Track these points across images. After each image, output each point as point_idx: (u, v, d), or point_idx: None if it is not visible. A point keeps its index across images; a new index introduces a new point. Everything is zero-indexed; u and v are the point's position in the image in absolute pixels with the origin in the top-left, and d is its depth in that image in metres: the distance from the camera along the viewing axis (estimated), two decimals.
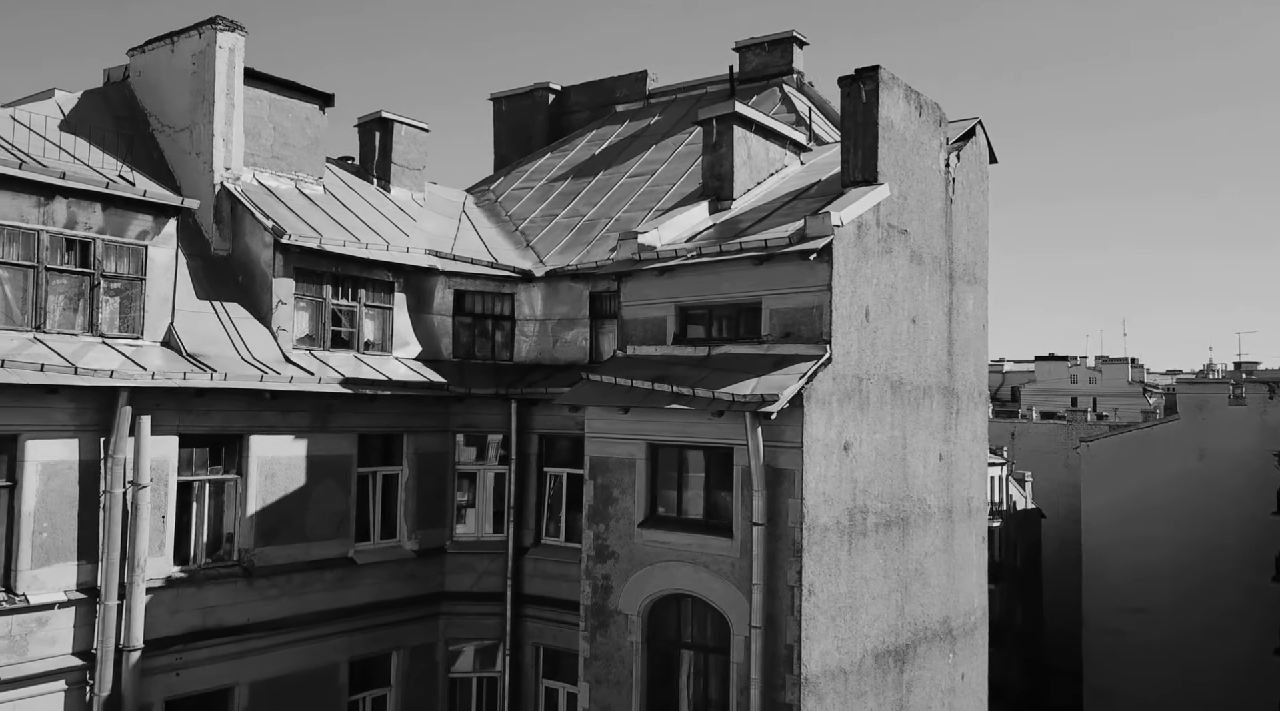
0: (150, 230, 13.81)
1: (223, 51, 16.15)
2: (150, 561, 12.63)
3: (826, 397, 11.71)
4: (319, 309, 15.96)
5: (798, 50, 22.18)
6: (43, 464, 11.81)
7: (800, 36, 22.10)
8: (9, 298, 12.48)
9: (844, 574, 11.97)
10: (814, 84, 22.02)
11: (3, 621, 11.39)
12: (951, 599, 14.92)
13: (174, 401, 13.01)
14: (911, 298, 13.89)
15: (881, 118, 13.27)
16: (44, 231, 12.71)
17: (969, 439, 15.68)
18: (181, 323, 14.02)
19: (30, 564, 11.64)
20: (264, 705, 13.97)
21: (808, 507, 11.32)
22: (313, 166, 18.09)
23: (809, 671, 11.23)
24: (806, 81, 22.05)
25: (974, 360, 15.90)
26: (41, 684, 11.64)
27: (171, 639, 12.91)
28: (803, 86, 21.85)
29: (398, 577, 15.90)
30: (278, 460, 14.33)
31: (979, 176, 16.32)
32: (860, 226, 12.45)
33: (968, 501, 15.56)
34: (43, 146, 13.87)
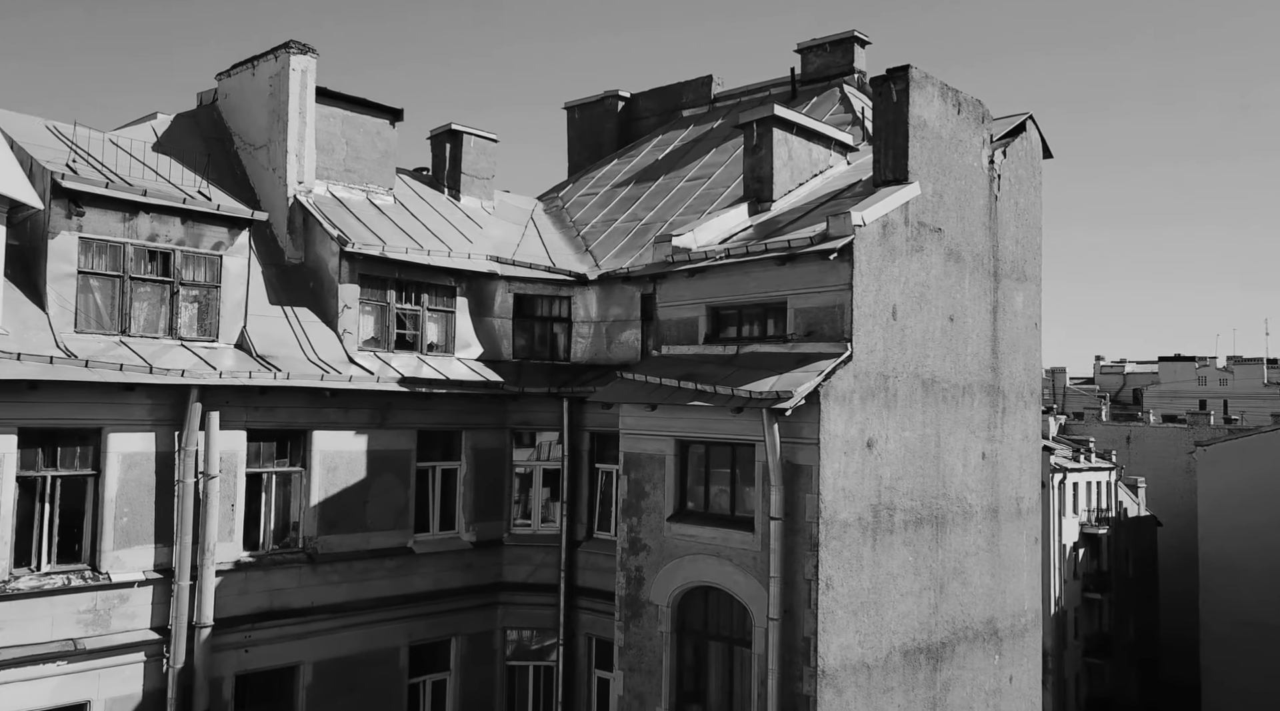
0: (224, 241, 14.95)
1: (295, 73, 17.27)
2: (220, 546, 13.72)
3: (847, 395, 11.86)
4: (383, 312, 16.89)
5: (859, 50, 22.15)
6: (123, 455, 13.00)
7: (861, 36, 22.07)
8: (99, 304, 13.75)
9: (867, 569, 12.09)
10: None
11: (89, 596, 12.59)
12: (997, 600, 14.77)
13: (241, 399, 14.08)
14: (948, 296, 13.86)
15: (913, 117, 13.32)
16: (129, 244, 13.95)
17: (1018, 438, 15.47)
18: (254, 326, 15.12)
19: (113, 545, 12.84)
20: (328, 684, 14.94)
21: (825, 503, 11.51)
22: (383, 178, 19.10)
23: (826, 664, 11.41)
24: (868, 81, 21.96)
25: (1024, 359, 15.69)
26: (123, 655, 12.82)
27: (241, 618, 13.97)
28: (864, 86, 21.80)
29: (455, 567, 16.69)
30: (339, 454, 15.29)
31: (1030, 172, 16.08)
32: (885, 226, 12.54)
33: (1017, 502, 15.36)
34: (129, 165, 15.15)
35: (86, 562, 12.74)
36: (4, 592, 11.91)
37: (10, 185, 12.04)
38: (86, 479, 12.83)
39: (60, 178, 13.18)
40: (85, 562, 12.73)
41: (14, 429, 12.12)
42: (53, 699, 12.31)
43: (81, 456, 12.82)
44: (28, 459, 12.35)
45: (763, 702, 11.59)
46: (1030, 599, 15.65)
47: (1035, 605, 15.82)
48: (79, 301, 13.43)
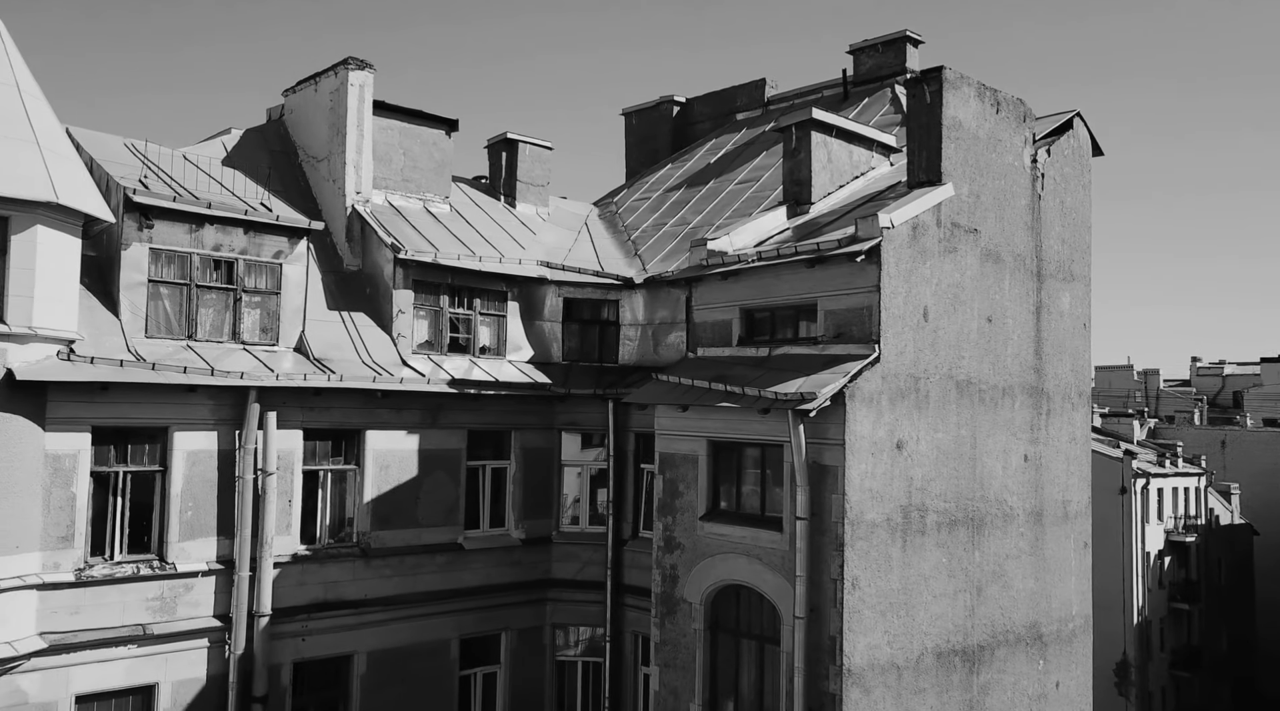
0: (284, 250, 15.73)
1: (353, 88, 18.02)
2: (277, 539, 14.45)
3: (874, 396, 11.94)
4: (437, 316, 17.51)
5: (911, 49, 22.01)
6: (188, 452, 13.83)
7: (914, 35, 21.93)
8: (168, 310, 14.63)
9: (896, 570, 12.13)
10: None
11: (156, 585, 13.44)
12: (1041, 604, 14.60)
13: (297, 400, 14.81)
14: (985, 296, 13.79)
15: (947, 118, 13.31)
16: (195, 254, 14.81)
17: (1065, 441, 15.26)
18: (312, 330, 15.86)
19: (178, 537, 13.67)
20: (381, 673, 15.57)
21: (850, 503, 11.61)
22: (439, 187, 19.75)
23: (852, 663, 11.50)
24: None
25: (1071, 360, 15.46)
26: (188, 640, 13.63)
27: (298, 608, 14.69)
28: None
29: (505, 563, 17.20)
30: (391, 453, 15.93)
31: (1077, 170, 15.85)
32: (915, 227, 12.57)
33: (1063, 505, 15.15)
34: (196, 179, 16.04)
35: (154, 553, 13.59)
36: (80, 580, 12.80)
37: (86, 201, 12.94)
38: (154, 474, 13.69)
39: (132, 193, 14.08)
40: (153, 553, 13.58)
41: (88, 427, 13.02)
42: (124, 680, 13.17)
43: (150, 453, 13.68)
44: (101, 455, 13.24)
45: (790, 700, 11.74)
46: (1079, 603, 15.41)
47: (1085, 610, 15.56)
48: (149, 308, 14.31)
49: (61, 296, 12.79)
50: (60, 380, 12.41)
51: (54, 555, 12.62)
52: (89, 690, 12.92)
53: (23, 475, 12.27)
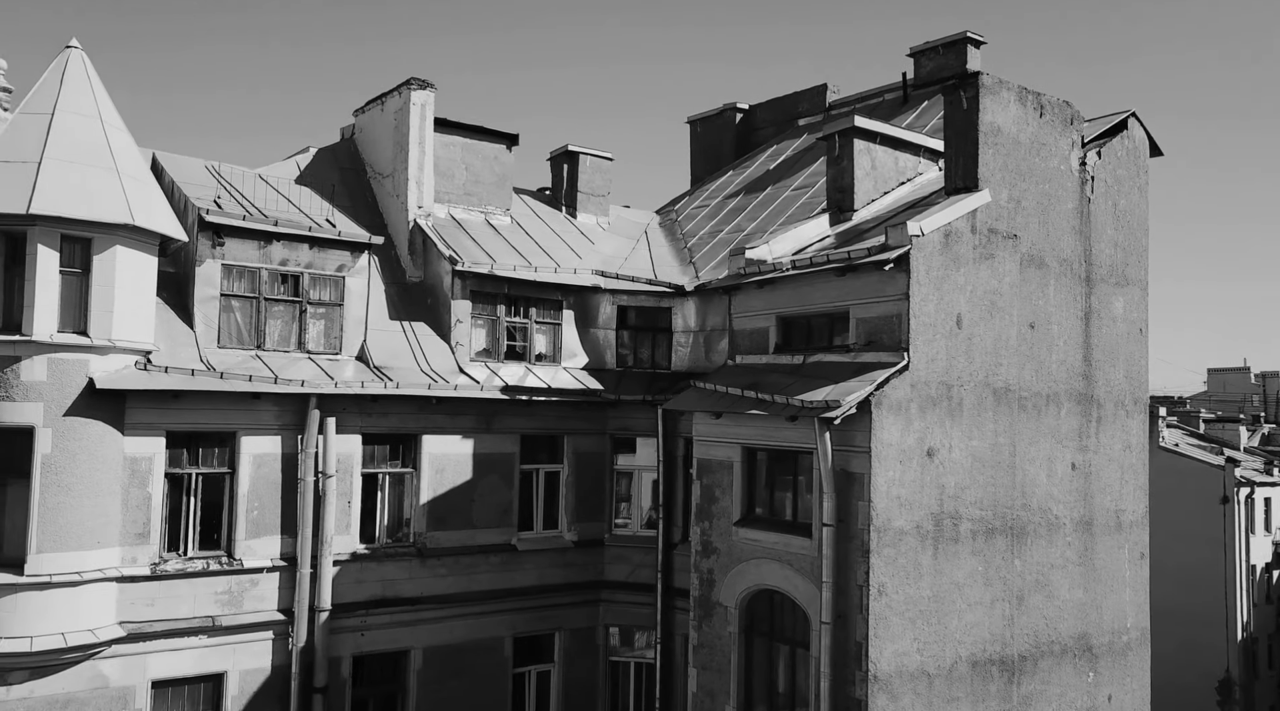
0: (347, 263, 16.55)
1: (415, 107, 18.82)
2: (337, 538, 15.24)
3: (903, 404, 11.98)
4: (494, 325, 18.13)
5: (973, 51, 21.72)
6: (254, 455, 14.72)
7: (975, 36, 21.64)
8: (239, 322, 15.59)
9: (926, 578, 12.14)
10: None
11: (225, 579, 14.35)
12: (1091, 615, 14.34)
13: (356, 406, 15.58)
14: (1027, 302, 13.64)
15: (984, 124, 13.25)
16: (264, 269, 15.73)
17: (1118, 449, 14.94)
18: (373, 339, 16.65)
19: (244, 535, 14.56)
20: (436, 668, 16.24)
21: (876, 511, 11.68)
22: (500, 199, 20.43)
23: (879, 669, 11.57)
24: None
25: (1125, 366, 15.13)
26: (254, 632, 14.51)
27: (357, 604, 15.46)
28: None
29: (557, 565, 17.70)
30: (447, 457, 16.59)
31: (1132, 172, 15.50)
32: (948, 235, 12.56)
33: (1116, 514, 14.84)
34: (266, 197, 17.01)
35: (223, 550, 14.51)
36: (155, 573, 13.78)
37: (160, 222, 13.94)
38: (223, 476, 14.61)
39: (205, 213, 15.06)
40: (222, 550, 14.50)
41: (162, 432, 14.00)
42: (195, 668, 14.10)
43: (219, 456, 14.61)
44: (174, 458, 14.22)
45: (818, 704, 11.87)
46: (1134, 616, 15.05)
47: (1141, 623, 15.18)
48: (221, 320, 15.28)
49: (139, 311, 13.80)
50: (137, 388, 13.41)
51: (132, 550, 13.62)
52: (164, 676, 13.88)
53: (104, 476, 13.30)
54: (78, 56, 14.07)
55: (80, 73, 13.92)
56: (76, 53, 14.12)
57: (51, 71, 13.84)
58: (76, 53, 14.12)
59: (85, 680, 13.21)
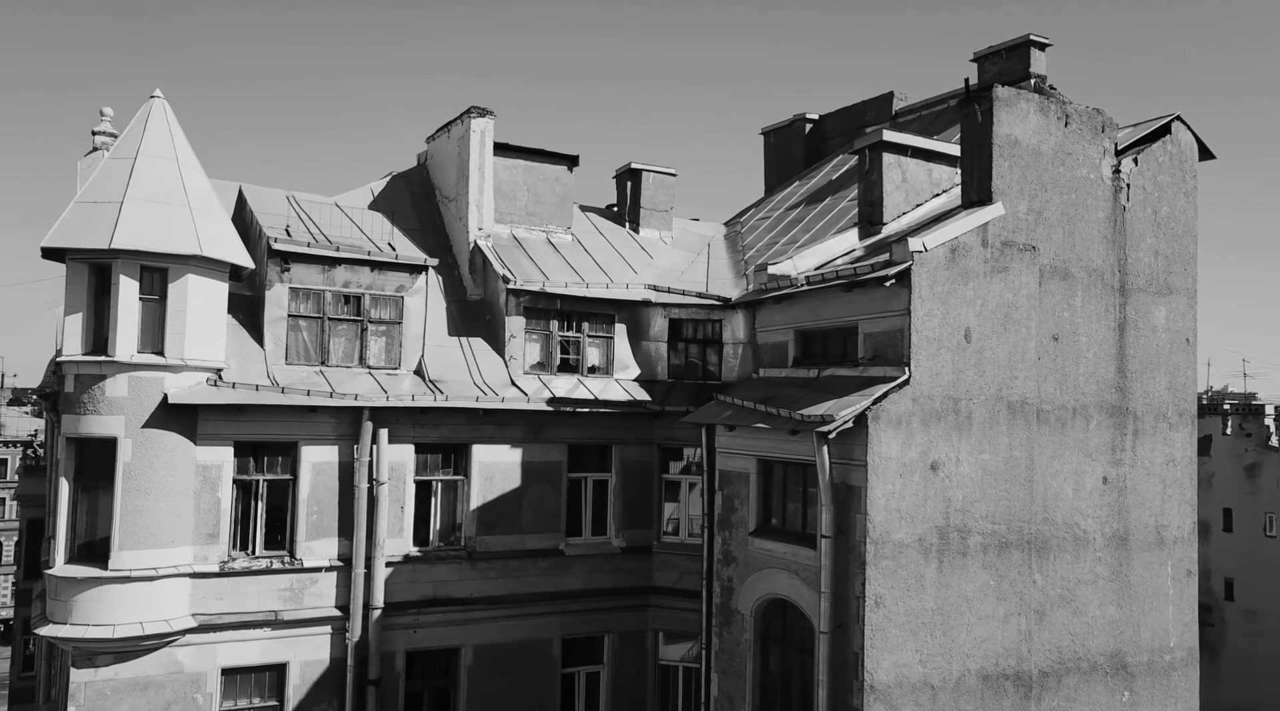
0: (405, 284, 17.71)
1: (475, 134, 19.90)
2: (389, 541, 16.35)
3: (904, 418, 12.12)
4: (548, 339, 18.99)
5: (1036, 54, 21.30)
6: (313, 463, 15.97)
7: (1039, 39, 21.22)
8: (306, 341, 16.93)
9: (930, 591, 12.22)
10: (1055, 87, 21.03)
11: (287, 577, 15.65)
12: (1126, 633, 14.01)
13: (409, 418, 16.66)
14: (1049, 314, 13.51)
15: (1000, 136, 13.23)
16: (328, 291, 17.03)
17: (1160, 463, 14.54)
18: (430, 355, 17.74)
19: (305, 537, 15.83)
20: (486, 665, 17.15)
21: (874, 523, 11.86)
22: (562, 218, 21.32)
23: (875, 679, 11.74)
24: (1048, 85, 21.10)
25: (1168, 378, 14.71)
26: (313, 626, 15.75)
27: (409, 603, 16.52)
28: (1040, 90, 20.96)
29: (605, 570, 18.36)
30: (495, 465, 17.51)
31: (1177, 177, 15.06)
32: (954, 249, 12.62)
33: (1157, 530, 14.44)
34: (334, 223, 18.34)
35: (285, 550, 15.81)
36: (223, 571, 15.18)
37: (229, 252, 15.36)
38: (286, 482, 15.92)
39: (273, 241, 16.46)
40: (285, 550, 15.80)
41: (231, 442, 15.40)
42: (260, 658, 15.43)
43: (282, 464, 15.93)
44: (242, 465, 15.60)
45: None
46: (1179, 635, 14.59)
47: (1188, 642, 14.69)
48: (289, 338, 16.64)
49: (210, 332, 15.24)
50: (205, 403, 14.82)
51: (203, 549, 15.05)
52: (232, 664, 15.25)
53: (178, 482, 14.77)
54: (160, 105, 15.66)
55: (161, 119, 15.50)
56: (159, 102, 15.71)
57: (137, 119, 15.46)
58: (159, 102, 15.71)
59: (162, 665, 14.68)
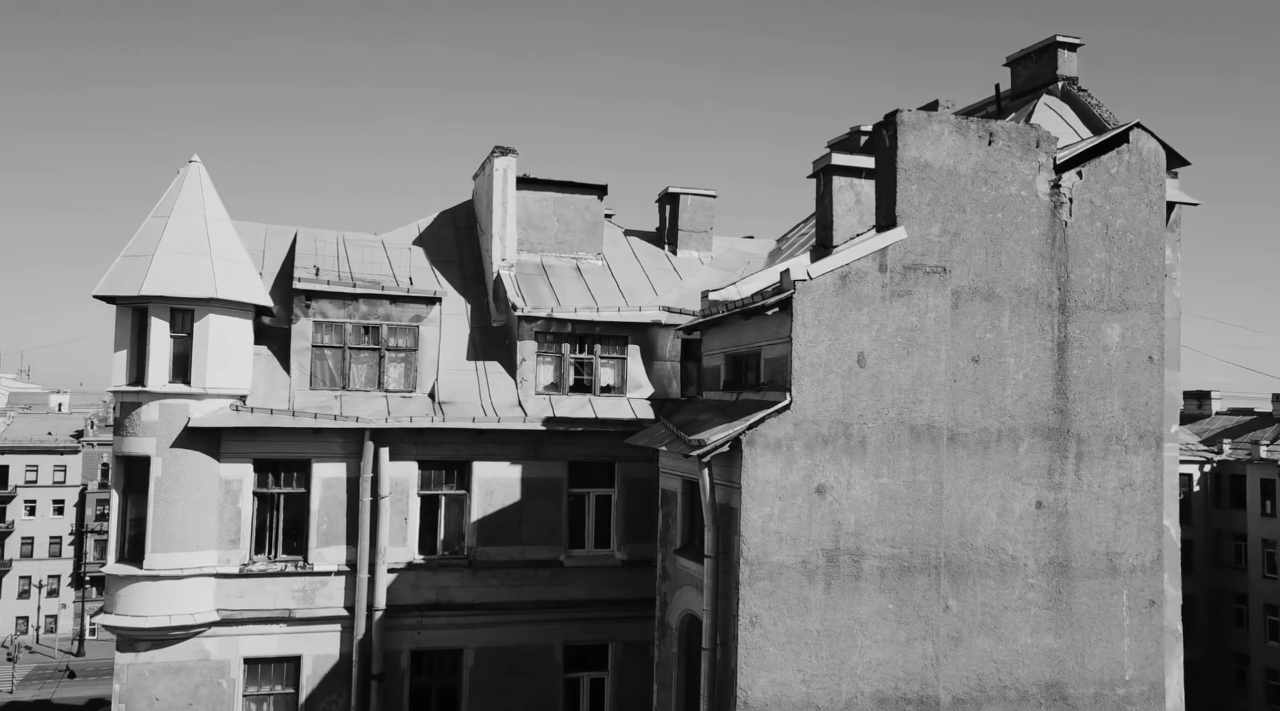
0: (421, 314, 19.46)
1: (498, 172, 21.46)
2: (391, 549, 18.05)
3: (784, 442, 12.44)
4: (560, 362, 20.23)
5: (1065, 55, 20.40)
6: (324, 479, 17.93)
7: (1067, 39, 20.32)
8: (330, 368, 18.99)
9: (815, 612, 12.44)
10: (1085, 89, 20.12)
11: (300, 580, 17.66)
12: (1067, 663, 13.55)
13: (411, 438, 18.33)
14: (967, 336, 13.36)
15: (906, 161, 13.28)
16: (348, 323, 19.03)
17: (1113, 487, 13.94)
18: (445, 378, 19.39)
19: (316, 544, 17.80)
20: (488, 667, 18.53)
21: (749, 544, 12.25)
22: (592, 244, 22.54)
23: (750, 696, 12.11)
24: (1078, 88, 20.20)
25: (1123, 398, 14.07)
26: (323, 624, 17.68)
27: (413, 606, 18.16)
28: (1069, 94, 20.11)
29: (608, 581, 19.30)
30: (496, 480, 18.88)
31: (1137, 188, 14.38)
32: (844, 276, 12.80)
33: (1108, 557, 13.84)
34: (368, 260, 20.34)
35: (299, 555, 17.84)
36: (243, 572, 17.37)
37: (250, 293, 17.60)
38: (300, 495, 17.97)
39: (298, 280, 18.61)
40: (299, 555, 17.84)
41: (250, 459, 17.60)
42: (278, 650, 17.51)
43: (297, 479, 17.99)
44: (261, 480, 17.78)
45: None
46: (1138, 668, 13.89)
47: (1152, 676, 13.95)
48: (313, 367, 18.74)
49: (232, 363, 17.50)
50: (222, 426, 17.07)
51: (226, 553, 17.30)
52: (253, 655, 17.41)
53: (203, 494, 17.08)
54: (195, 169, 18.15)
55: (195, 181, 17.97)
56: (195, 165, 18.21)
57: (175, 182, 18.01)
58: (195, 165, 18.21)
59: (191, 653, 17.01)
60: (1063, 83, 20.34)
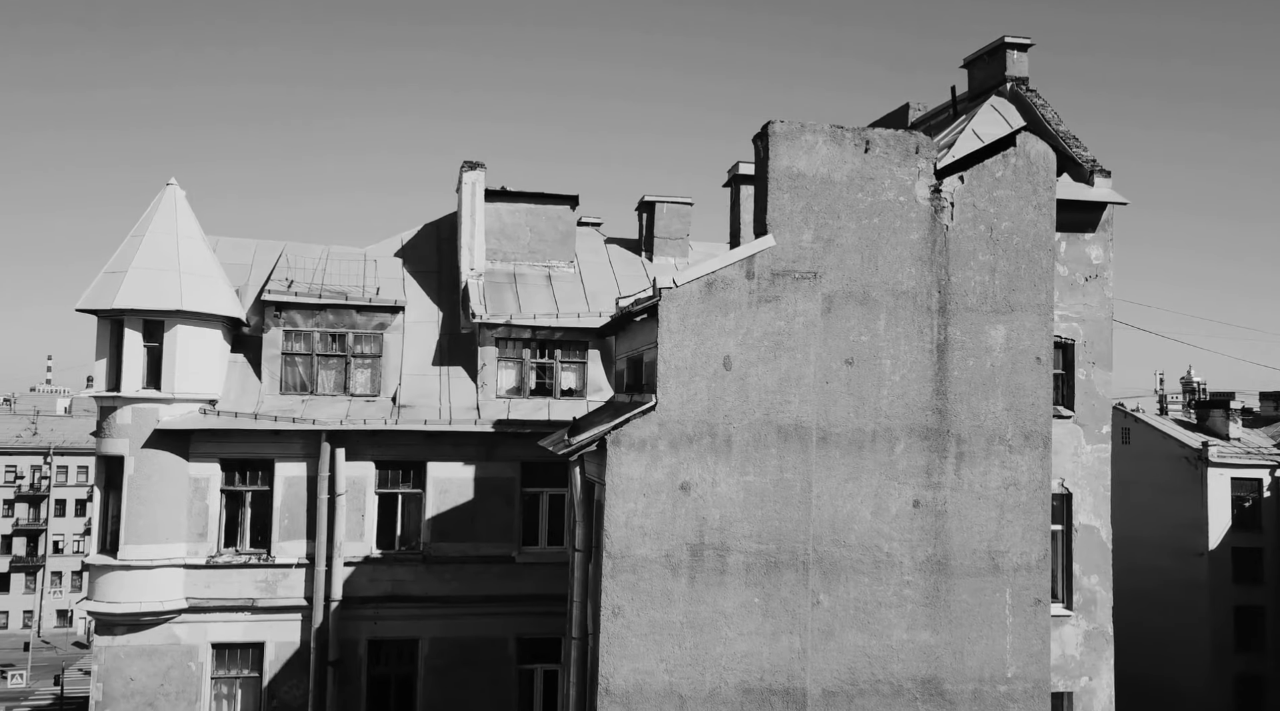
0: (385, 322, 20.66)
1: (466, 185, 22.57)
2: (348, 544, 19.23)
3: (648, 442, 13.05)
4: (521, 366, 21.19)
5: (1015, 56, 20.45)
6: (286, 477, 19.23)
7: (1016, 40, 20.33)
8: (301, 374, 20.33)
9: (679, 604, 13.00)
10: (1034, 89, 20.10)
11: (263, 571, 18.99)
12: (945, 660, 13.77)
13: (367, 439, 19.50)
14: (840, 339, 13.73)
15: (780, 170, 13.74)
16: (316, 331, 20.34)
17: (995, 487, 14.09)
18: (408, 383, 20.54)
19: (278, 538, 19.10)
20: (443, 656, 19.55)
21: (612, 539, 12.90)
22: (564, 253, 23.48)
23: (611, 684, 12.74)
24: (1025, 89, 20.18)
25: (1008, 398, 14.20)
26: (284, 613, 18.97)
27: (370, 598, 19.31)
28: (1017, 95, 20.13)
29: (560, 577, 20.04)
30: (450, 480, 19.90)
31: (1025, 191, 14.50)
32: (710, 284, 13.35)
33: (990, 556, 14.01)
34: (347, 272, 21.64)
35: (264, 548, 19.17)
36: (210, 563, 18.78)
37: (218, 305, 19.04)
38: (264, 493, 19.31)
39: (267, 292, 20.00)
40: (263, 548, 19.17)
41: (217, 459, 19.02)
42: (243, 636, 18.87)
43: (262, 478, 19.34)
44: (228, 478, 19.19)
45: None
46: (1021, 666, 13.99)
47: (1036, 674, 14.03)
48: (283, 372, 20.12)
49: (201, 370, 18.96)
50: (190, 428, 18.51)
51: (194, 546, 18.74)
52: (220, 640, 18.81)
53: (173, 492, 18.57)
54: (171, 191, 19.71)
55: (170, 202, 19.53)
56: (172, 188, 19.78)
57: (152, 205, 19.60)
58: (172, 188, 19.78)
59: (163, 637, 18.49)
60: (1011, 84, 20.37)
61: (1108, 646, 17.65)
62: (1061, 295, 17.81)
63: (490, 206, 23.11)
